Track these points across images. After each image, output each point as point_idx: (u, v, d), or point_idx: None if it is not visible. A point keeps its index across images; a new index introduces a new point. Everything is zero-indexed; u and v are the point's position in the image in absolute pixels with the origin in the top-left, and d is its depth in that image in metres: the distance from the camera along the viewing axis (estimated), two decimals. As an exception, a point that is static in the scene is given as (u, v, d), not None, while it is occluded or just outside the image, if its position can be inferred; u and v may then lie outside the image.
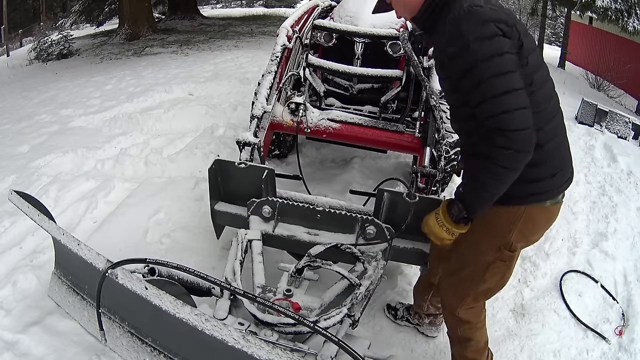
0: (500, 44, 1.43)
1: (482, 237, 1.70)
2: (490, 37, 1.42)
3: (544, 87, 1.57)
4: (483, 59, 1.42)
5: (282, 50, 3.15)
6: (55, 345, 2.05)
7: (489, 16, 1.44)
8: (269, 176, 2.50)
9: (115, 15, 14.87)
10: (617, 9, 11.70)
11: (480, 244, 1.71)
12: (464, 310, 1.89)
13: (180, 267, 1.63)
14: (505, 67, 1.42)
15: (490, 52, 1.42)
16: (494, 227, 1.66)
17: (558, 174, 1.61)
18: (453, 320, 1.96)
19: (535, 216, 1.64)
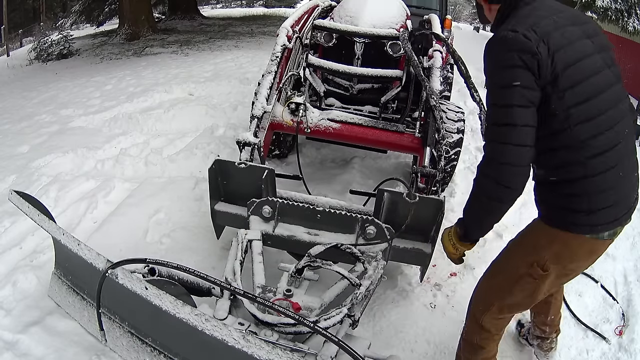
0: (514, 75, 1.41)
1: (518, 248, 1.71)
2: (507, 67, 1.43)
3: (594, 120, 1.46)
4: (495, 86, 1.46)
5: (282, 50, 3.15)
6: (55, 345, 2.05)
7: (517, 46, 1.42)
8: (269, 176, 2.50)
9: (115, 15, 14.88)
10: (617, 9, 11.71)
11: (515, 255, 1.72)
12: (488, 319, 1.82)
13: (180, 267, 1.63)
14: (512, 101, 1.41)
15: (502, 82, 1.44)
16: (529, 241, 1.67)
17: (602, 211, 1.50)
18: (475, 326, 1.88)
19: (572, 244, 1.56)
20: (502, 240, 3.29)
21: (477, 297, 1.89)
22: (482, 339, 1.88)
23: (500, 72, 1.45)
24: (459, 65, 3.22)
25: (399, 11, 3.64)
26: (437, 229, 2.34)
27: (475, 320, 1.85)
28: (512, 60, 1.41)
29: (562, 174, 1.50)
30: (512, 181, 1.45)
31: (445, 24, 4.68)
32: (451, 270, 2.94)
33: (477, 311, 1.85)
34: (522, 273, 1.65)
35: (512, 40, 1.43)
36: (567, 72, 1.43)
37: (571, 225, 1.53)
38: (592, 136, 1.45)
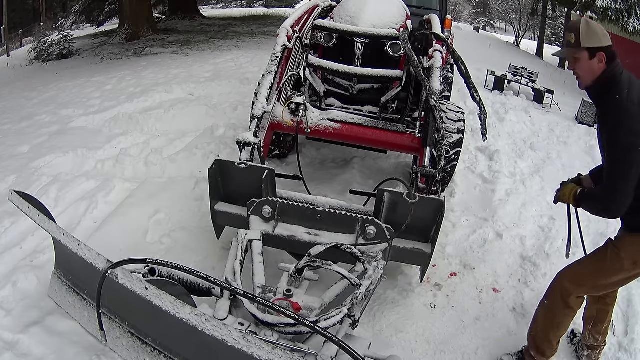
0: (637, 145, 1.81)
1: (628, 248, 2.04)
2: (635, 135, 1.80)
3: None
4: (622, 147, 1.83)
5: (282, 50, 3.15)
6: (55, 345, 2.05)
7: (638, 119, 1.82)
8: (269, 176, 2.50)
9: (115, 15, 14.88)
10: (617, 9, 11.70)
11: (621, 253, 2.04)
12: (575, 297, 2.12)
13: (181, 267, 1.63)
14: (633, 162, 1.82)
15: (629, 145, 1.81)
16: (636, 247, 2.03)
17: None
18: (562, 305, 2.14)
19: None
20: (502, 240, 3.30)
21: (574, 275, 2.14)
22: (565, 315, 2.16)
23: (624, 138, 1.81)
24: (459, 65, 3.22)
25: (399, 11, 3.64)
26: (437, 229, 2.34)
27: (564, 299, 2.13)
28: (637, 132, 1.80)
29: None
30: (617, 214, 1.97)
31: (445, 24, 4.68)
32: (451, 271, 2.95)
33: (565, 292, 2.12)
34: (626, 266, 2.04)
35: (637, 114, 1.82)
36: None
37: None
38: None
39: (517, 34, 26.06)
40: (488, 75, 7.73)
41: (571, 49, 1.99)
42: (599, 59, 1.94)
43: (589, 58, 1.94)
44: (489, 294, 2.79)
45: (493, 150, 4.63)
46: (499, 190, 3.97)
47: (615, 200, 1.89)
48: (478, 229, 3.40)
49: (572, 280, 2.13)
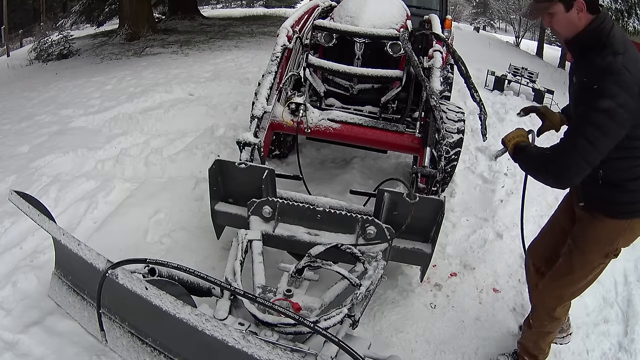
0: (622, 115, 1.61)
1: (594, 247, 1.94)
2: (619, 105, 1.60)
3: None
4: (601, 111, 1.62)
5: (282, 50, 3.15)
6: (55, 345, 2.05)
7: (627, 86, 1.60)
8: (269, 176, 2.50)
9: (115, 15, 14.87)
10: (617, 9, 11.69)
11: (591, 254, 1.95)
12: (559, 309, 2.10)
13: (181, 267, 1.63)
14: (608, 131, 1.63)
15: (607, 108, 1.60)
16: (606, 238, 1.91)
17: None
18: (547, 319, 2.13)
19: (636, 228, 1.90)
20: (502, 240, 3.30)
21: (549, 295, 2.10)
22: (554, 325, 2.16)
23: (604, 101, 1.61)
24: (459, 65, 3.22)
25: (399, 11, 3.64)
26: (437, 229, 2.34)
27: (549, 314, 2.11)
28: (619, 99, 1.59)
29: (626, 175, 1.80)
30: (567, 183, 1.77)
31: (445, 24, 4.68)
32: (451, 271, 2.95)
33: (550, 307, 2.10)
34: (597, 264, 1.97)
35: (627, 82, 1.60)
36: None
37: (633, 214, 1.86)
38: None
39: (517, 34, 26.05)
40: (488, 75, 7.73)
41: (541, 3, 1.76)
42: (577, 8, 1.71)
43: (565, 10, 1.72)
44: (489, 294, 2.80)
45: (493, 151, 4.63)
46: (499, 190, 3.97)
47: (570, 167, 1.68)
48: (478, 229, 3.40)
49: (552, 296, 2.09)
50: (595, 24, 1.71)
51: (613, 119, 1.61)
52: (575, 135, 1.69)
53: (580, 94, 1.74)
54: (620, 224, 1.87)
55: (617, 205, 1.85)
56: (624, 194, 1.82)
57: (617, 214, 1.86)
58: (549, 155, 1.78)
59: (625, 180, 1.81)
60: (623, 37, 1.72)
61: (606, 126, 1.62)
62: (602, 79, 1.62)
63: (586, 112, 1.65)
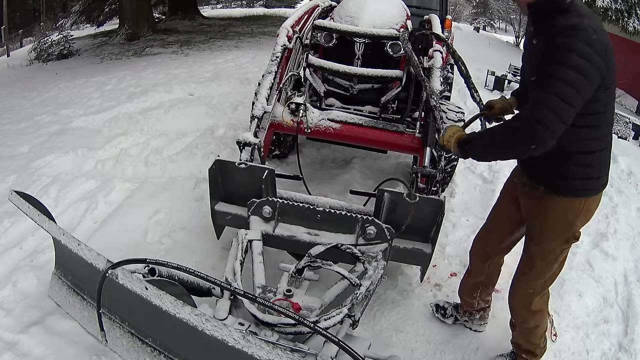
0: (591, 72, 1.60)
1: (551, 235, 1.90)
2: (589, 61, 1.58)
3: (613, 107, 1.80)
4: (572, 67, 1.58)
5: (282, 50, 3.15)
6: (55, 345, 2.05)
7: (595, 46, 1.60)
8: (269, 176, 2.50)
9: (115, 15, 14.87)
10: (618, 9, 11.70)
11: (549, 242, 1.91)
12: (536, 302, 2.06)
13: (181, 267, 1.63)
14: (579, 87, 1.60)
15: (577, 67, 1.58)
16: (562, 222, 1.87)
17: (603, 176, 1.86)
18: (526, 314, 2.11)
19: (591, 206, 1.89)
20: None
21: (520, 292, 2.08)
22: (537, 319, 2.13)
23: (574, 56, 1.58)
24: (459, 65, 3.22)
25: (399, 11, 3.64)
26: (437, 229, 2.35)
27: (526, 309, 2.08)
28: (588, 56, 1.58)
29: (580, 147, 1.75)
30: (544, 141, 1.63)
31: (445, 24, 4.67)
32: (451, 271, 2.95)
33: (524, 301, 2.07)
34: (559, 251, 1.93)
35: (594, 40, 1.60)
36: (611, 71, 1.68)
37: (589, 191, 1.84)
38: (612, 118, 1.82)
39: (517, 34, 26.04)
40: (488, 75, 7.73)
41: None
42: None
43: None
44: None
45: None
46: (498, 190, 3.95)
47: (546, 125, 1.59)
48: (478, 229, 3.38)
49: (523, 294, 2.08)
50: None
51: (584, 75, 1.58)
52: (546, 94, 1.61)
53: (547, 53, 1.67)
54: (575, 203, 1.82)
55: (570, 180, 1.79)
56: (578, 168, 1.77)
57: (570, 191, 1.81)
58: (516, 123, 1.69)
59: (580, 153, 1.76)
60: (584, 7, 1.72)
61: (578, 82, 1.58)
62: (571, 35, 1.59)
63: (555, 70, 1.60)
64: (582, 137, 1.74)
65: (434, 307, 2.59)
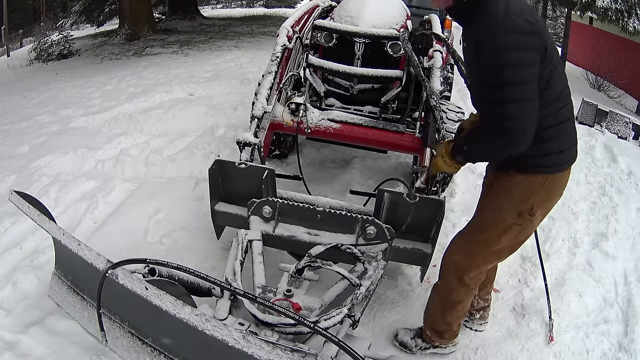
0: (529, 57, 1.60)
1: (506, 204, 1.87)
2: (520, 49, 1.58)
3: (561, 79, 1.76)
4: (508, 66, 1.58)
5: (282, 50, 3.15)
6: (55, 345, 2.05)
7: (522, 29, 1.59)
8: (269, 176, 2.50)
9: (115, 15, 14.88)
10: (618, 9, 11.69)
11: (503, 211, 1.88)
12: (470, 275, 2.02)
13: (181, 267, 1.63)
14: (526, 79, 1.61)
15: (515, 62, 1.58)
16: (518, 195, 1.84)
17: (566, 150, 1.83)
18: (456, 283, 2.04)
19: (553, 185, 1.84)
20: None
21: (460, 252, 2.02)
22: (462, 293, 2.07)
23: (512, 53, 1.58)
24: (459, 65, 3.22)
25: (399, 11, 3.64)
26: (437, 229, 2.35)
27: (457, 277, 2.03)
28: (524, 43, 1.58)
29: (541, 124, 1.71)
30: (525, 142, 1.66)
31: (445, 24, 4.68)
32: (451, 271, 2.94)
33: (458, 268, 2.01)
34: (510, 223, 1.88)
35: (516, 25, 1.58)
36: (549, 42, 1.67)
37: (549, 168, 1.81)
38: (562, 90, 1.77)
39: (517, 34, 26.03)
40: (488, 75, 7.72)
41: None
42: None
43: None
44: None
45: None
46: (499, 190, 3.96)
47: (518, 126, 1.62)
48: (478, 229, 3.39)
49: (461, 253, 2.00)
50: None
51: (524, 65, 1.58)
52: (501, 107, 1.62)
53: (479, 56, 1.68)
54: (535, 179, 1.81)
55: (529, 159, 1.77)
56: (535, 146, 1.72)
57: (530, 168, 1.80)
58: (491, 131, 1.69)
59: (537, 132, 1.71)
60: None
61: (522, 76, 1.59)
62: (494, 31, 1.59)
63: (496, 78, 1.61)
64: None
65: None
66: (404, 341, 2.31)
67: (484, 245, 1.96)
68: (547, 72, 1.68)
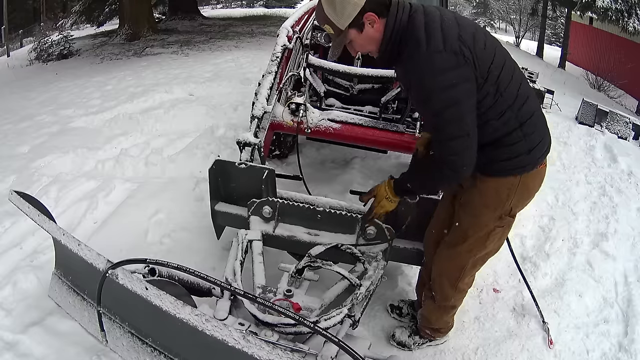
0: (458, 92, 1.55)
1: (484, 210, 1.85)
2: (450, 87, 1.54)
3: (511, 82, 1.70)
4: (442, 107, 1.57)
5: (282, 50, 3.15)
6: (55, 345, 2.05)
7: (448, 65, 1.54)
8: (269, 176, 2.50)
9: (115, 15, 14.88)
10: (618, 10, 11.71)
11: (482, 217, 1.86)
12: (464, 281, 2.05)
13: (181, 267, 1.63)
14: (463, 113, 1.58)
15: (448, 101, 1.56)
16: (495, 199, 1.81)
17: (536, 147, 1.77)
18: (450, 291, 2.07)
19: (528, 182, 1.81)
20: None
21: (449, 265, 2.03)
22: (457, 299, 2.13)
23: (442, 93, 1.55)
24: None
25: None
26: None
27: (452, 286, 2.05)
28: (451, 80, 1.54)
29: (502, 131, 1.71)
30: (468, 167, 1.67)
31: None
32: (451, 271, 2.94)
33: (452, 277, 2.03)
34: (491, 227, 1.87)
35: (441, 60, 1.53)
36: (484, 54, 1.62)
37: (520, 168, 1.76)
38: (518, 88, 1.72)
39: (517, 34, 26.08)
40: (488, 76, 7.72)
41: (339, 38, 1.66)
42: (369, 23, 1.62)
43: (359, 32, 1.64)
44: (489, 294, 2.79)
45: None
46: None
47: (461, 160, 1.62)
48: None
49: (449, 264, 2.00)
50: (389, 28, 1.61)
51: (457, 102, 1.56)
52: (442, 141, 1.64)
53: (414, 98, 1.71)
54: (508, 180, 1.78)
55: (497, 163, 1.75)
56: (501, 149, 1.72)
57: (500, 173, 1.77)
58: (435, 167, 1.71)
59: (498, 139, 1.71)
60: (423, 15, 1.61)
61: (457, 112, 1.56)
62: (421, 79, 1.56)
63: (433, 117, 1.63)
64: (493, 127, 1.69)
65: (389, 308, 2.56)
66: (401, 340, 2.32)
67: (470, 253, 1.96)
68: (492, 85, 1.63)
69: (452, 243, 2.00)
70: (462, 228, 1.94)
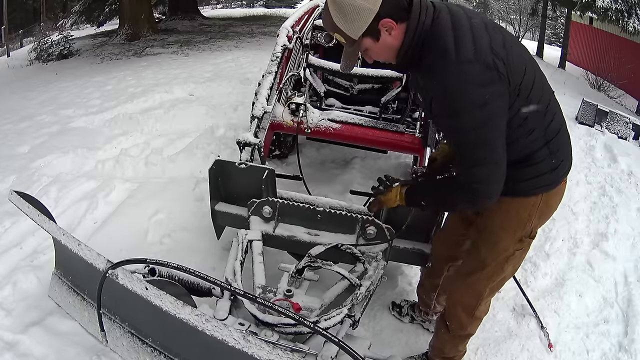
0: (490, 111, 1.40)
1: (503, 234, 1.73)
2: (482, 105, 1.38)
3: (542, 98, 1.58)
4: (469, 128, 1.42)
5: (282, 50, 3.15)
6: (55, 345, 2.05)
7: (480, 79, 1.37)
8: (269, 176, 2.50)
9: (115, 15, 14.88)
10: (618, 10, 11.71)
11: (501, 242, 1.74)
12: (481, 308, 1.94)
13: (181, 267, 1.62)
14: (491, 137, 1.44)
15: (477, 122, 1.40)
16: (516, 221, 1.69)
17: (561, 165, 1.67)
18: (467, 320, 1.96)
19: (550, 201, 1.71)
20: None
21: (465, 294, 1.92)
22: (473, 327, 2.02)
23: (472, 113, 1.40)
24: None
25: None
26: (437, 229, 2.34)
27: (470, 315, 1.94)
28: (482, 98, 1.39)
29: (529, 149, 1.58)
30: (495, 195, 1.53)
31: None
32: (451, 271, 2.94)
33: (469, 306, 1.93)
34: (511, 252, 1.75)
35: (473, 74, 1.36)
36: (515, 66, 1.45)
37: (543, 187, 1.65)
38: (548, 102, 1.59)
39: (517, 34, 26.08)
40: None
41: (351, 48, 1.51)
42: (387, 29, 1.44)
43: (375, 40, 1.47)
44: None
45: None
46: (499, 190, 3.96)
47: (489, 182, 1.47)
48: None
49: (466, 293, 1.90)
50: (410, 33, 1.43)
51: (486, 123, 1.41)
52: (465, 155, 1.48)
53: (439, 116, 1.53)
54: (530, 201, 1.65)
55: (520, 183, 1.61)
56: (526, 169, 1.59)
57: (522, 193, 1.64)
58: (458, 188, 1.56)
59: (524, 158, 1.59)
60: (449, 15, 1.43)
61: (485, 134, 1.41)
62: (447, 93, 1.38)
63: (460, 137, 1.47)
64: (521, 145, 1.57)
65: (391, 305, 2.56)
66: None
67: (488, 280, 1.84)
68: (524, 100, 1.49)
69: (468, 272, 1.87)
70: (479, 255, 1.81)
